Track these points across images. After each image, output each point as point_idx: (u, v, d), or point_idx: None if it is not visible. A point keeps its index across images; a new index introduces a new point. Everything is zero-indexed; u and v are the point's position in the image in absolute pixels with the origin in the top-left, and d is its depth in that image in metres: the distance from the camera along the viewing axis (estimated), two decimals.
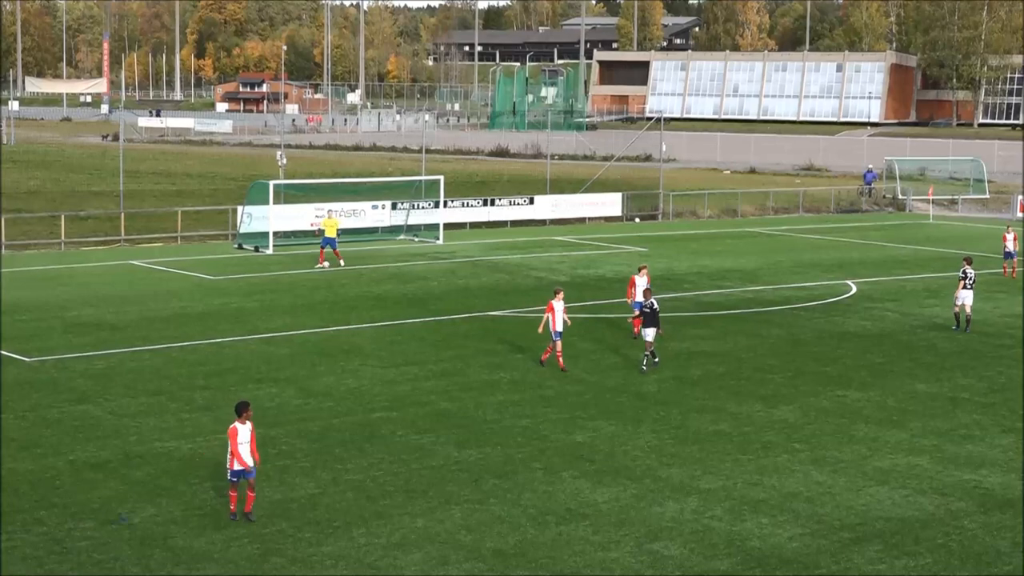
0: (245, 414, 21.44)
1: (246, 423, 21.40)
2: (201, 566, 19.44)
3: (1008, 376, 33.44)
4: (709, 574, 19.57)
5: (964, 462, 25.61)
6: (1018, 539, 21.31)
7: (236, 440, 21.23)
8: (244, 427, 21.34)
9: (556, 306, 32.20)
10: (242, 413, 21.44)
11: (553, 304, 32.29)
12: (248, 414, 21.51)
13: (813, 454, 25.92)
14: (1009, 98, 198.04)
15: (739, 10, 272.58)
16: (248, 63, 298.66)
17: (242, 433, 21.28)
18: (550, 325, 32.14)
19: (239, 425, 21.35)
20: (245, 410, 21.49)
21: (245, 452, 21.24)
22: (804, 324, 39.96)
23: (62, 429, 26.57)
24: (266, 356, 33.99)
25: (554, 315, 32.09)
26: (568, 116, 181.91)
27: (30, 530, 20.74)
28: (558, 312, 32.13)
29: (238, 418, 21.42)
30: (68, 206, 65.63)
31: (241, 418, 21.40)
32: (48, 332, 36.67)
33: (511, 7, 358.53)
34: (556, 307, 32.18)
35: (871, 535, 21.35)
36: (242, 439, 21.24)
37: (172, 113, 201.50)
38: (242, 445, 21.21)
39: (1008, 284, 47.27)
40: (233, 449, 21.25)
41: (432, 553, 20.12)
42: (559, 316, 32.12)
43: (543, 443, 26.28)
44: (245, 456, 21.24)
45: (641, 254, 56.48)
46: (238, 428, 21.33)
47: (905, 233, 68.27)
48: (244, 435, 21.28)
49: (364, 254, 54.89)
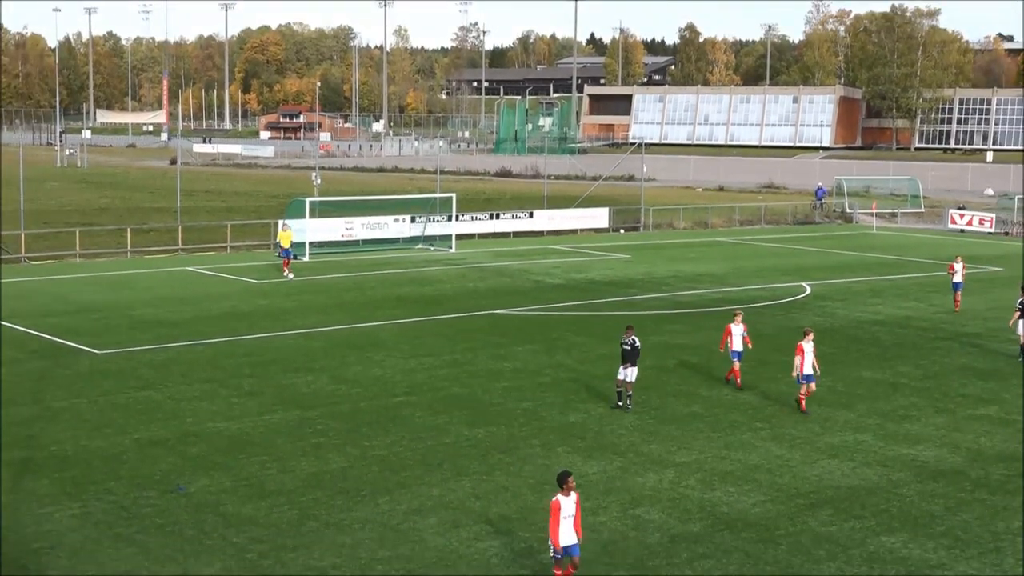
0: (567, 484, 16.61)
1: (570, 494, 16.60)
2: (248, 529, 19.44)
3: (941, 364, 33.42)
4: (684, 535, 19.56)
5: (903, 439, 25.59)
6: (950, 504, 21.30)
7: (559, 515, 16.51)
8: (568, 499, 16.57)
9: (806, 347, 27.39)
10: (563, 484, 16.62)
11: (803, 346, 27.45)
12: (571, 484, 16.65)
13: (773, 432, 25.90)
14: (942, 125, 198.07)
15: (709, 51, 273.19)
16: (287, 97, 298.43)
17: (566, 507, 16.54)
18: (797, 367, 27.43)
19: (562, 498, 16.56)
20: (566, 480, 16.65)
21: (568, 528, 16.55)
22: (766, 320, 39.90)
23: (128, 412, 26.58)
24: (303, 349, 33.97)
25: (803, 357, 27.35)
26: (562, 142, 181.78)
27: (101, 498, 20.75)
28: (807, 354, 27.35)
29: (560, 490, 16.62)
30: (133, 220, 65.60)
31: (564, 489, 16.58)
32: (116, 328, 36.67)
33: (513, 48, 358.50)
34: (806, 348, 27.38)
35: (823, 501, 21.33)
36: (566, 513, 16.53)
37: (222, 140, 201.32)
38: (565, 520, 16.53)
39: (941, 285, 47.12)
40: (554, 524, 16.53)
41: (446, 517, 20.11)
42: (808, 358, 27.33)
43: (541, 423, 26.27)
44: (568, 532, 16.56)
45: (625, 261, 56.44)
46: (561, 502, 16.55)
47: (852, 242, 68.17)
48: (569, 508, 16.56)
49: (387, 261, 54.84)
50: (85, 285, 45.54)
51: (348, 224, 59.90)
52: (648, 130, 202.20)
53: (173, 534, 19.17)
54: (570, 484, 16.61)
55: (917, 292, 47.32)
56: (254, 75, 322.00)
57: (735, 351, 29.59)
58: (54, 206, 77.02)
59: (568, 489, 16.58)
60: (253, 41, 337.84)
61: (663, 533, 19.58)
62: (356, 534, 19.30)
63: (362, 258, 55.65)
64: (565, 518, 16.52)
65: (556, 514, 16.50)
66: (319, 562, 18.14)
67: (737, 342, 29.55)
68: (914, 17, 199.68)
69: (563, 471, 17.01)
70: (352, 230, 59.77)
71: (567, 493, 16.58)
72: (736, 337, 29.56)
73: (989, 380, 31.49)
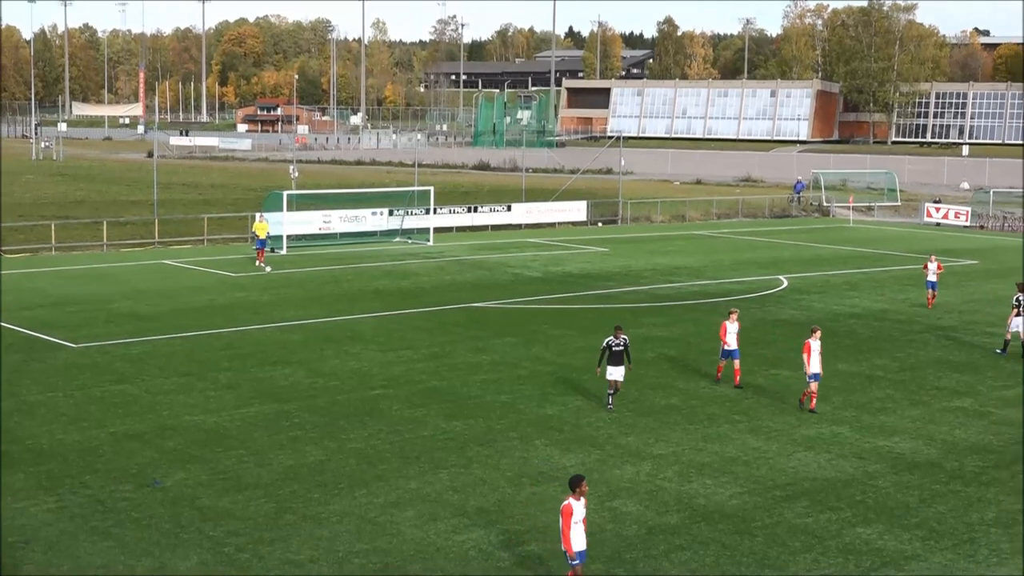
0: (580, 488, 16.40)
1: (580, 499, 16.37)
2: (225, 522, 19.40)
3: (916, 357, 33.59)
4: (662, 527, 19.61)
5: (879, 431, 25.71)
6: (925, 496, 21.42)
7: (570, 519, 16.25)
8: (579, 504, 16.32)
9: (813, 345, 27.06)
10: (577, 488, 16.39)
11: (810, 343, 27.10)
12: (584, 488, 16.47)
13: (750, 424, 25.99)
14: (918, 120, 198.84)
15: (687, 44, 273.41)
16: (265, 90, 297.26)
17: (578, 511, 16.29)
18: (805, 365, 27.07)
19: (574, 502, 16.30)
20: (580, 484, 16.43)
21: (581, 532, 16.38)
22: (743, 313, 39.77)
23: (104, 405, 26.49)
24: (280, 342, 33.90)
25: (809, 355, 27.03)
26: (540, 135, 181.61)
27: (77, 492, 20.68)
28: (814, 351, 27.05)
29: (572, 494, 16.39)
30: (109, 213, 65.29)
31: (575, 494, 16.35)
32: (92, 322, 36.52)
33: (492, 41, 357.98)
34: (813, 347, 27.03)
35: (799, 493, 21.42)
36: (578, 517, 16.29)
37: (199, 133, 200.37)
38: (577, 524, 16.29)
39: (916, 279, 47.30)
40: (566, 529, 16.26)
41: (424, 510, 20.11)
42: (815, 356, 27.02)
43: (519, 416, 26.29)
44: (582, 537, 16.41)
45: (603, 254, 56.51)
46: (573, 506, 16.28)
47: (829, 235, 68.41)
48: (580, 512, 16.33)
49: (364, 254, 54.76)
50: (61, 278, 45.33)
51: (326, 217, 59.77)
52: (626, 123, 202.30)
53: (150, 528, 19.11)
54: (583, 488, 16.40)
55: (893, 285, 47.52)
56: (231, 68, 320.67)
57: (729, 349, 29.17)
58: (30, 199, 76.63)
59: (580, 493, 16.34)
60: (230, 33, 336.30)
61: (640, 525, 19.62)
62: (334, 527, 19.29)
63: (340, 251, 55.55)
64: (577, 523, 16.25)
65: (568, 518, 16.21)
66: (296, 555, 18.12)
67: (732, 340, 29.13)
68: (891, 12, 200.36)
69: (577, 475, 16.69)
70: (330, 223, 59.65)
71: (578, 497, 16.31)
72: (731, 335, 29.13)
73: (964, 373, 31.67)
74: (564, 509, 16.26)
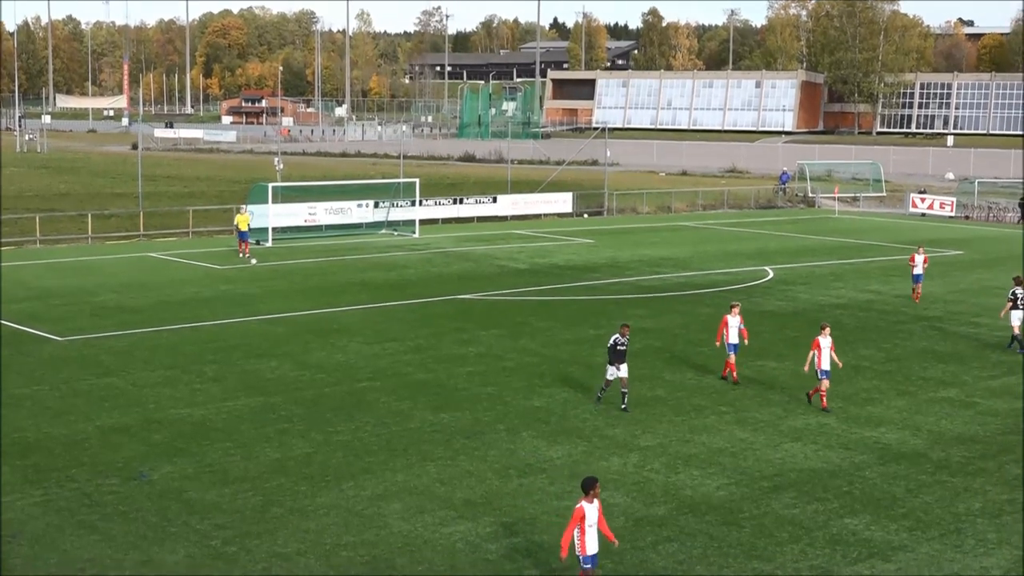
0: (593, 491, 15.97)
1: (593, 501, 15.95)
2: (212, 515, 19.35)
3: (903, 348, 33.66)
4: (649, 518, 19.62)
5: (865, 421, 25.76)
6: (911, 486, 21.47)
7: (582, 522, 15.82)
8: (592, 506, 15.90)
9: (823, 343, 26.64)
10: (590, 490, 15.96)
11: (819, 340, 26.70)
12: (597, 491, 16.04)
13: (737, 415, 26.01)
14: (903, 110, 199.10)
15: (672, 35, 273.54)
16: (249, 82, 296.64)
17: (590, 514, 15.86)
18: (815, 362, 26.61)
19: (586, 505, 15.89)
20: (593, 487, 15.99)
21: (593, 536, 15.89)
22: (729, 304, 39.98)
23: (90, 399, 26.40)
24: (266, 334, 33.83)
25: (820, 352, 26.61)
26: (526, 127, 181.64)
27: (64, 486, 20.61)
28: (824, 349, 26.62)
29: (584, 496, 15.95)
30: (94, 206, 65.08)
31: (588, 496, 15.93)
32: (77, 315, 36.39)
33: (477, 33, 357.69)
34: (823, 343, 26.62)
35: (786, 484, 21.45)
36: (591, 520, 15.86)
37: (183, 125, 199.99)
38: (590, 528, 15.86)
39: (903, 268, 47.36)
40: (581, 531, 15.85)
41: (411, 503, 20.09)
42: (825, 353, 26.60)
43: (506, 407, 26.27)
44: (593, 540, 15.91)
45: (589, 246, 56.51)
46: (585, 509, 15.86)
47: (814, 226, 68.52)
48: (593, 515, 15.89)
49: (350, 246, 54.68)
50: (46, 271, 45.17)
51: (311, 209, 59.66)
52: (611, 115, 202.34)
53: (136, 521, 19.06)
54: (596, 491, 16.00)
55: (879, 276, 47.62)
56: (216, 59, 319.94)
57: (731, 344, 28.76)
58: (14, 192, 76.30)
59: (594, 496, 15.95)
60: (214, 25, 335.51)
61: (627, 517, 19.63)
62: (321, 520, 19.26)
63: (325, 243, 55.46)
64: (591, 525, 15.85)
65: (578, 521, 15.80)
66: (283, 548, 18.09)
67: (733, 335, 28.69)
68: (875, 2, 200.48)
69: (591, 477, 16.27)
70: (315, 215, 59.53)
71: (591, 500, 15.91)
72: (732, 329, 28.71)
73: (950, 363, 31.75)
74: (576, 512, 15.88)
